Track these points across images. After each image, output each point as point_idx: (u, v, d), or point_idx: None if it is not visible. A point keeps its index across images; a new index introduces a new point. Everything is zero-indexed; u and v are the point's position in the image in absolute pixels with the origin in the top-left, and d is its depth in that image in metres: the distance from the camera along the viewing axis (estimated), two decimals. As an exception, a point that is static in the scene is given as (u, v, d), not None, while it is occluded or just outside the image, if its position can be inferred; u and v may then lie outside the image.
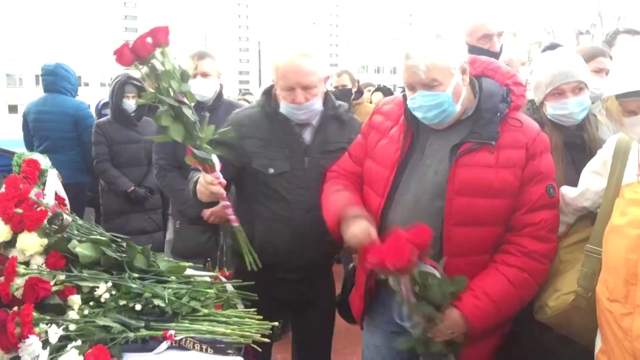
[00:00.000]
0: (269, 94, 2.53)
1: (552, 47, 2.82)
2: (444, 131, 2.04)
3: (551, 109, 2.48)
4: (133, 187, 4.45)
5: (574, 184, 2.42)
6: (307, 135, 2.50)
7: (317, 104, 2.42)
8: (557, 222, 2.07)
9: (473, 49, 2.93)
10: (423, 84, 1.92)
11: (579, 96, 2.44)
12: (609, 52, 3.35)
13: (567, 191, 2.15)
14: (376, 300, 2.24)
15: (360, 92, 5.52)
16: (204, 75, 3.48)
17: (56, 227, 2.04)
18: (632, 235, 1.67)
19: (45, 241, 2.01)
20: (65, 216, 2.09)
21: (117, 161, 4.49)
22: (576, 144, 2.50)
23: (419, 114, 2.00)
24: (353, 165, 2.32)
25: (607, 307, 1.76)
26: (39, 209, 2.05)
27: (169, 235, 3.81)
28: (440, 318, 1.89)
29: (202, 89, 3.44)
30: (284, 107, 2.40)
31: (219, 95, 3.61)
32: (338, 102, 2.61)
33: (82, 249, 2.06)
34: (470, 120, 2.03)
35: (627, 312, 1.69)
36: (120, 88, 4.48)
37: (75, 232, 2.16)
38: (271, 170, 2.44)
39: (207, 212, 3.36)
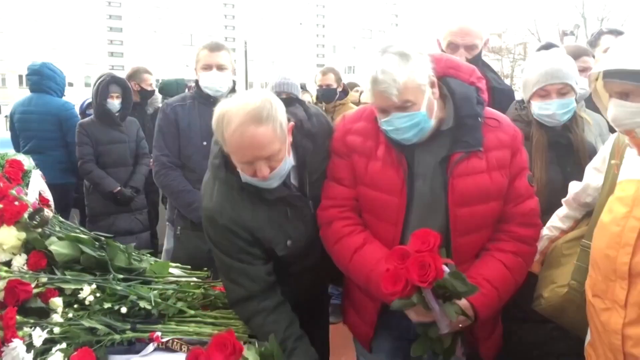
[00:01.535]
0: (226, 165, 2.02)
1: (547, 47, 2.81)
2: (427, 144, 1.97)
3: (536, 109, 2.50)
4: (119, 188, 4.39)
5: (558, 183, 2.44)
6: (292, 178, 2.12)
7: (288, 164, 1.96)
8: (538, 205, 2.12)
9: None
10: (397, 106, 1.84)
11: (563, 98, 2.46)
12: (592, 51, 3.38)
13: (572, 187, 2.17)
14: (380, 323, 2.17)
15: (345, 92, 5.35)
16: (220, 68, 3.24)
17: (36, 222, 2.02)
18: (614, 232, 1.69)
19: (23, 235, 1.99)
20: (45, 211, 2.07)
21: (102, 162, 4.43)
22: (561, 144, 2.52)
23: (395, 136, 1.92)
24: (347, 190, 2.08)
25: (591, 302, 1.79)
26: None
27: (168, 243, 3.44)
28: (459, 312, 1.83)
29: (218, 83, 3.23)
30: (246, 179, 1.96)
31: (233, 91, 3.32)
32: (296, 113, 2.13)
33: (57, 247, 2.02)
34: (452, 129, 1.98)
35: (606, 308, 1.72)
36: (104, 88, 4.42)
37: (57, 228, 2.13)
38: (289, 243, 2.10)
39: None
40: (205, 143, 3.16)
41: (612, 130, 2.91)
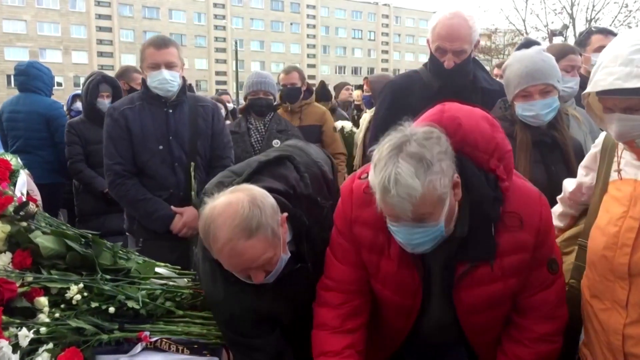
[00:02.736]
0: (214, 261, 1.82)
1: (527, 44, 2.80)
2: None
3: (519, 110, 2.51)
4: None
5: (543, 182, 2.43)
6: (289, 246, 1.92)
7: (284, 260, 1.81)
8: (563, 291, 1.88)
9: (432, 57, 2.87)
10: (410, 219, 1.55)
11: (546, 98, 2.46)
12: (579, 49, 3.39)
13: (568, 184, 2.16)
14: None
15: (309, 91, 5.01)
16: (169, 65, 3.03)
17: (21, 215, 2.00)
18: (611, 232, 1.68)
19: (7, 227, 1.97)
20: (30, 204, 2.05)
21: (92, 161, 4.38)
22: (545, 143, 2.52)
23: (407, 247, 1.66)
24: (349, 272, 1.88)
25: (589, 301, 1.79)
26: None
27: None
28: None
29: (168, 82, 3.03)
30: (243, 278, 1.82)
31: (183, 89, 3.17)
32: (287, 176, 1.96)
33: (43, 240, 1.99)
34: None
35: (605, 308, 1.71)
36: (95, 87, 4.39)
37: (43, 224, 2.12)
38: (293, 308, 2.02)
39: (177, 224, 3.04)
40: (161, 147, 3.07)
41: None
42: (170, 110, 3.14)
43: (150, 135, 3.07)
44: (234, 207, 1.66)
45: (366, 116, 4.84)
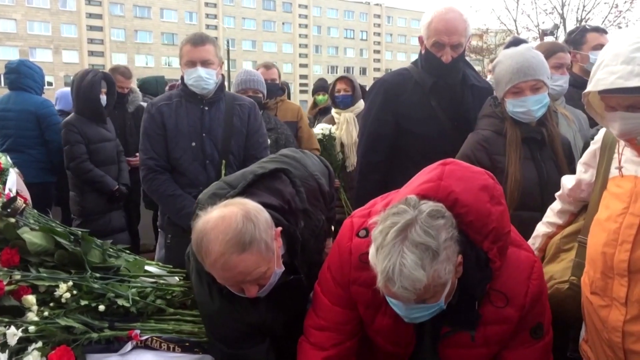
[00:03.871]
0: (207, 274, 1.81)
1: (516, 42, 2.83)
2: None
3: (510, 106, 2.52)
4: (118, 186, 4.42)
5: (533, 179, 2.46)
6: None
7: (279, 273, 1.80)
8: (546, 353, 1.82)
9: (428, 54, 2.88)
10: (411, 302, 1.54)
11: (537, 94, 2.48)
12: (568, 48, 3.40)
13: (566, 181, 2.17)
14: None
15: (282, 89, 4.97)
16: (205, 63, 3.04)
17: (8, 211, 1.99)
18: (611, 229, 1.69)
19: None
20: (18, 200, 2.03)
21: (94, 160, 4.37)
22: (535, 140, 2.54)
23: (404, 318, 1.65)
24: (344, 313, 1.88)
25: (589, 298, 1.79)
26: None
27: (160, 252, 3.26)
28: None
29: (203, 80, 3.04)
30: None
31: (221, 86, 3.17)
32: (282, 191, 1.94)
33: (30, 237, 1.97)
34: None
35: (605, 305, 1.72)
36: (97, 83, 4.36)
37: (31, 221, 2.10)
38: (285, 318, 2.01)
39: None
40: (194, 144, 3.07)
41: (592, 125, 2.94)
42: (206, 108, 3.13)
43: (184, 131, 3.07)
44: (227, 221, 1.65)
45: (348, 115, 4.80)
